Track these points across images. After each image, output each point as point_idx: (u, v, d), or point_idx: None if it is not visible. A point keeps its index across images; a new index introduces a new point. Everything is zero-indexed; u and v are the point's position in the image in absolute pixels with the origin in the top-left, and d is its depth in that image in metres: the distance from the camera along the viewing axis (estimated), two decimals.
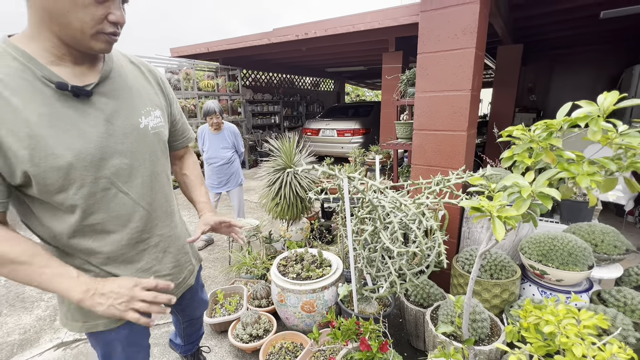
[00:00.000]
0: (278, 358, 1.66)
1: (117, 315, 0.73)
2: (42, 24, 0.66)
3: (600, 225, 1.68)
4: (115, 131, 0.78)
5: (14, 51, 0.67)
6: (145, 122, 0.85)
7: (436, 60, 1.88)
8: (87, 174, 0.74)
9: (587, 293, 1.53)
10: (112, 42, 0.72)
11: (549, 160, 0.83)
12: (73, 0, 0.63)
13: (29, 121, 0.66)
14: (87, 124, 0.73)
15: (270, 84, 9.09)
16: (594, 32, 5.06)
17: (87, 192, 0.75)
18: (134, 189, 0.83)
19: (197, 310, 1.30)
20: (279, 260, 2.01)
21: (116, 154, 0.78)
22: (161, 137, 0.91)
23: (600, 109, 0.73)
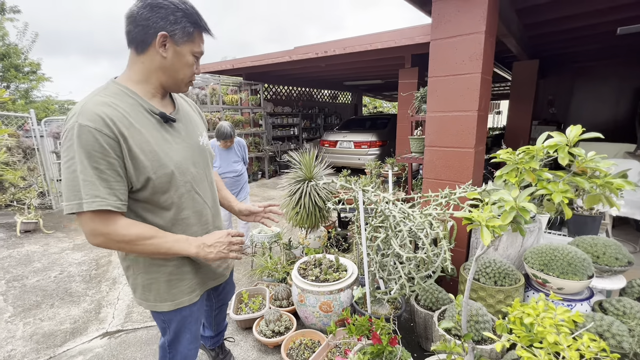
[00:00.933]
0: (298, 352, 1.83)
1: (224, 257, 1.03)
2: (153, 74, 0.96)
3: (603, 239, 1.78)
4: (191, 147, 1.06)
5: (127, 91, 0.93)
6: (202, 141, 1.14)
7: (445, 83, 2.06)
8: (181, 179, 0.99)
9: (588, 302, 1.63)
10: (191, 85, 1.06)
11: (529, 179, 0.99)
12: (185, 63, 0.97)
13: (150, 141, 0.92)
14: (175, 142, 1.01)
15: (290, 97, 9.46)
16: (615, 45, 5.06)
17: (180, 193, 1.00)
18: (203, 191, 1.10)
19: (229, 294, 1.55)
20: (299, 264, 2.20)
21: (193, 164, 1.06)
22: (210, 152, 1.20)
23: (568, 139, 0.89)
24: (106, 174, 0.85)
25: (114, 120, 0.85)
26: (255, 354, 1.96)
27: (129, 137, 0.87)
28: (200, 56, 1.01)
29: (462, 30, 1.93)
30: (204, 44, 1.01)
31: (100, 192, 0.85)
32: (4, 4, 9.88)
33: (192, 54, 0.97)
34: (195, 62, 1.00)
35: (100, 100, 0.87)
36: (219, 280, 1.26)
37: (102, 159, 0.84)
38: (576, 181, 0.99)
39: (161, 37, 0.91)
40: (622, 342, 1.33)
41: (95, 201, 0.84)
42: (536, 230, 1.86)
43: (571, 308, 1.61)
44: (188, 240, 1.00)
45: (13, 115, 6.22)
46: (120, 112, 0.88)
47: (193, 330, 1.20)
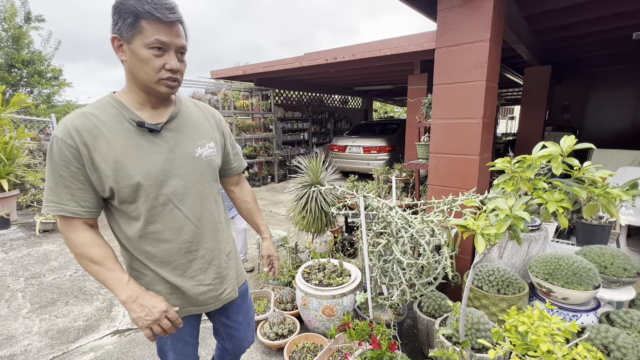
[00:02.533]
0: (300, 356, 1.86)
1: (139, 326, 0.91)
2: (131, 81, 0.93)
3: (611, 249, 1.74)
4: (175, 158, 0.97)
5: (114, 102, 0.93)
6: (200, 152, 1.03)
7: (450, 91, 2.07)
8: (152, 191, 0.92)
9: (594, 312, 1.60)
10: (172, 86, 0.91)
11: (525, 188, 1.00)
12: (140, 59, 0.86)
13: (117, 150, 0.88)
14: (156, 152, 0.94)
15: (300, 102, 9.56)
16: (632, 50, 4.94)
17: (150, 205, 0.93)
18: (186, 206, 0.99)
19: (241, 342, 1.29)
20: (303, 268, 2.23)
21: (175, 176, 0.96)
22: (212, 164, 1.07)
23: (561, 150, 0.90)
24: (69, 181, 0.87)
25: (80, 131, 0.86)
26: (259, 356, 1.99)
27: (93, 147, 0.86)
28: (164, 46, 0.87)
29: (466, 38, 1.95)
30: (165, 32, 0.86)
31: (58, 198, 0.87)
32: (30, 14, 10.38)
33: (146, 47, 0.85)
34: (160, 55, 0.87)
35: (80, 112, 0.90)
36: (205, 309, 1.11)
37: (64, 167, 0.86)
38: (574, 190, 1.00)
39: (113, 41, 0.88)
40: (627, 354, 1.31)
41: (48, 205, 0.88)
42: (542, 238, 1.84)
43: (577, 318, 1.59)
44: (128, 285, 0.91)
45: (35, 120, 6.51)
46: (93, 122, 0.88)
47: (178, 349, 1.11)
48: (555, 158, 0.90)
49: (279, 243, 2.98)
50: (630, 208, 1.97)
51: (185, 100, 1.09)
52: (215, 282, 1.09)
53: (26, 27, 10.36)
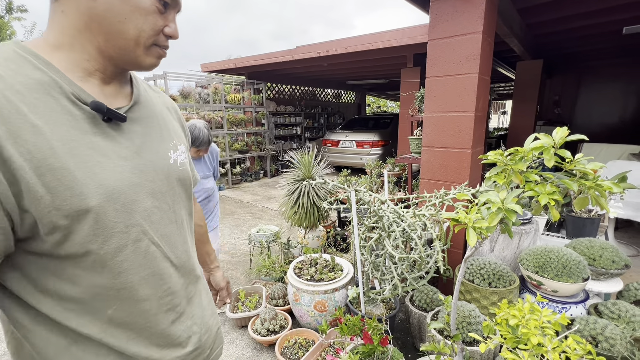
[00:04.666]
0: (292, 351, 1.85)
1: None
2: (83, 32, 0.54)
3: (600, 241, 1.76)
4: (146, 166, 0.61)
5: (35, 59, 0.51)
6: (174, 157, 0.69)
7: (442, 83, 2.05)
8: (118, 219, 0.55)
9: (583, 304, 1.61)
10: (162, 57, 0.63)
11: (517, 181, 0.98)
12: (135, 6, 0.54)
13: (56, 150, 0.48)
14: (117, 155, 0.56)
15: (293, 96, 9.47)
16: (622, 45, 4.99)
17: (118, 244, 0.55)
18: (165, 240, 0.64)
19: None
20: (295, 264, 2.21)
21: (148, 194, 0.61)
22: (187, 176, 0.73)
23: (553, 141, 0.88)
24: None
25: None
26: (250, 352, 1.98)
27: (8, 138, 0.45)
28: (171, 3, 0.60)
29: (459, 30, 1.92)
30: None
31: None
32: (11, 4, 10.03)
33: None
34: (163, 11, 0.59)
35: None
36: None
37: None
38: (565, 183, 0.99)
39: None
40: (615, 345, 1.32)
41: None
42: (532, 232, 1.85)
43: (566, 310, 1.60)
44: None
45: None
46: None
47: None
48: (547, 150, 0.88)
49: (271, 238, 2.95)
50: (619, 201, 1.99)
51: (141, 82, 0.73)
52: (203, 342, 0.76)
53: (8, 17, 10.01)
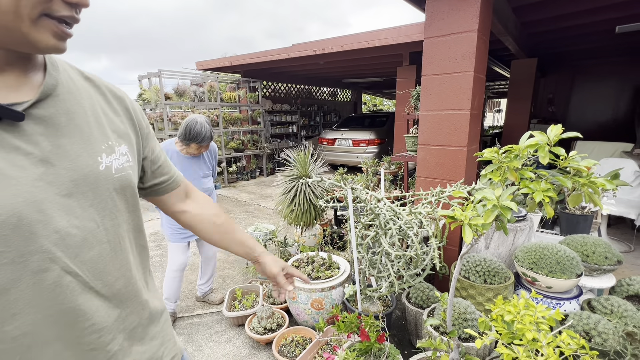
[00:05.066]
0: (289, 349, 1.85)
1: None
2: None
3: (593, 238, 1.78)
4: (58, 177, 0.48)
5: None
6: (107, 162, 0.56)
7: (438, 81, 2.06)
8: (8, 248, 0.43)
9: (576, 300, 1.63)
10: (64, 35, 0.47)
11: (512, 178, 0.99)
12: None
13: None
14: (13, 164, 0.44)
15: (289, 94, 9.44)
16: (615, 44, 5.04)
17: (5, 279, 0.44)
18: (87, 266, 0.52)
19: None
20: (292, 262, 2.21)
21: (62, 212, 0.48)
22: (128, 183, 0.60)
23: (548, 139, 0.89)
24: None
25: None
26: (248, 350, 1.98)
27: None
28: None
29: (454, 28, 1.93)
30: None
31: None
32: None
33: None
34: None
35: None
36: None
37: None
38: (559, 180, 1.00)
39: None
40: (608, 340, 1.34)
41: None
42: (527, 229, 1.87)
43: (560, 306, 1.62)
44: None
45: None
46: None
47: None
48: (542, 147, 0.89)
49: (267, 237, 2.95)
50: (612, 198, 2.01)
51: (67, 68, 0.57)
52: None
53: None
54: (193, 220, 0.82)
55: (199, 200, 0.85)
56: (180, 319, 2.31)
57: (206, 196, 0.88)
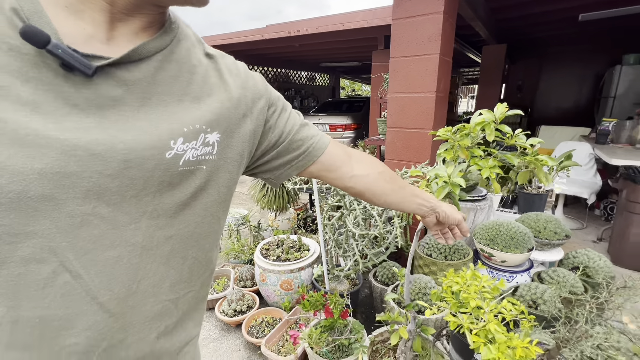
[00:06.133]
0: (259, 330, 1.88)
1: None
2: None
3: (546, 215, 1.89)
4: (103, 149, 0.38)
5: None
6: (179, 149, 0.43)
7: (406, 64, 2.07)
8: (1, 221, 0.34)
9: (528, 272, 1.75)
10: None
11: (463, 156, 1.03)
12: None
13: None
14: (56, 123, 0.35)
15: (265, 77, 9.20)
16: (579, 32, 5.24)
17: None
18: (97, 267, 0.40)
19: None
20: (262, 245, 2.22)
21: (89, 194, 0.38)
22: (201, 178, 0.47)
23: (494, 117, 0.93)
24: None
25: None
26: (218, 332, 1.99)
27: None
28: None
29: (421, 10, 1.93)
30: None
31: None
32: None
33: None
34: None
35: None
36: None
37: None
38: (507, 157, 1.04)
39: None
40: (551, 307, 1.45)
41: None
42: (486, 207, 1.96)
43: (513, 279, 1.73)
44: None
45: None
46: None
47: None
48: (488, 125, 0.92)
49: (240, 222, 2.93)
50: (564, 177, 2.14)
51: (188, 36, 0.50)
52: None
53: None
54: (364, 185, 0.70)
55: (364, 161, 0.72)
56: None
57: (369, 156, 0.76)
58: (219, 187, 0.51)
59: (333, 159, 0.66)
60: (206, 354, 1.81)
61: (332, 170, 0.67)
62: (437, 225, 0.88)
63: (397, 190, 0.75)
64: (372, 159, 0.75)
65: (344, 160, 0.68)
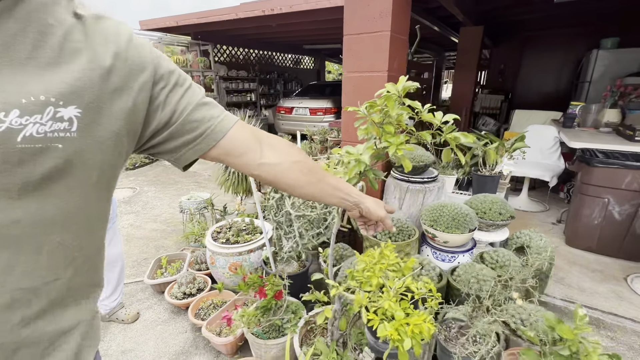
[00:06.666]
0: (206, 312, 1.87)
1: None
2: None
3: (492, 196, 1.90)
4: None
5: None
6: (14, 122, 0.38)
7: (358, 41, 2.00)
8: None
9: (470, 252, 1.77)
10: None
11: (374, 132, 0.99)
12: None
13: None
14: None
15: (248, 60, 8.97)
16: (558, 14, 5.18)
17: None
18: None
19: None
20: (215, 228, 2.19)
21: None
22: (57, 158, 0.41)
23: (397, 91, 0.89)
24: None
25: None
26: (167, 315, 1.98)
27: None
28: None
29: None
30: None
31: None
32: None
33: None
34: None
35: None
36: None
37: None
38: (421, 135, 1.01)
39: None
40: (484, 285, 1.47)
41: None
42: (436, 189, 1.95)
43: (455, 259, 1.75)
44: None
45: None
46: None
47: None
48: (389, 98, 0.89)
49: (202, 205, 2.88)
50: (512, 159, 2.14)
51: None
52: None
53: None
54: (275, 174, 0.65)
55: (276, 146, 0.66)
56: None
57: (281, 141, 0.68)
58: (89, 169, 0.45)
59: (236, 144, 0.61)
60: (151, 337, 1.80)
61: (236, 155, 0.61)
62: (361, 218, 0.87)
63: (314, 183, 0.70)
64: (289, 146, 0.69)
65: (250, 146, 0.62)
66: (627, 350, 1.64)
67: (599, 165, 2.30)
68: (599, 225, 2.43)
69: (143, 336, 1.81)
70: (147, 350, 1.71)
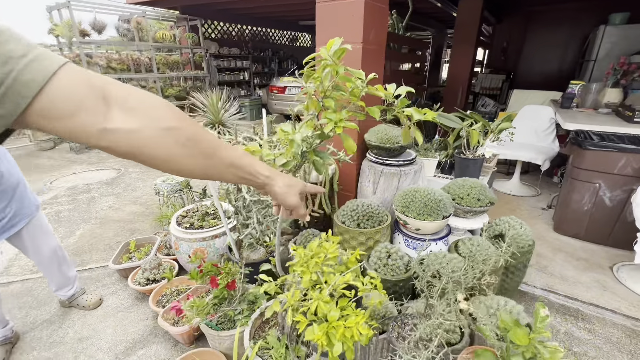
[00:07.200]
0: (169, 299, 1.80)
1: None
2: None
3: (472, 180, 1.78)
4: None
5: None
6: None
7: (332, 9, 1.82)
8: None
9: (443, 240, 1.66)
10: None
11: (313, 108, 0.86)
12: None
13: None
14: None
15: (241, 37, 8.61)
16: None
17: None
18: None
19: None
20: (181, 212, 2.09)
21: None
22: None
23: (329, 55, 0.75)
24: None
25: None
26: (131, 301, 1.91)
27: None
28: None
29: None
30: None
31: None
32: None
33: None
34: None
35: None
36: None
37: None
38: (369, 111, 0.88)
39: None
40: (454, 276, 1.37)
41: None
42: (412, 173, 1.82)
43: (427, 247, 1.65)
44: None
45: None
46: None
47: None
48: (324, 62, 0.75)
49: (177, 188, 2.78)
50: (495, 141, 2.00)
51: None
52: None
53: None
54: (130, 145, 0.46)
55: (133, 104, 0.46)
56: None
57: (142, 91, 0.48)
58: None
59: (60, 99, 0.41)
60: (111, 324, 1.74)
61: (59, 117, 0.41)
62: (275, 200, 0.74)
63: (196, 156, 0.51)
64: (159, 107, 0.48)
65: (86, 103, 0.42)
66: (603, 343, 1.56)
67: (591, 148, 2.15)
68: (588, 211, 2.31)
69: (102, 323, 1.75)
70: (104, 338, 1.65)
